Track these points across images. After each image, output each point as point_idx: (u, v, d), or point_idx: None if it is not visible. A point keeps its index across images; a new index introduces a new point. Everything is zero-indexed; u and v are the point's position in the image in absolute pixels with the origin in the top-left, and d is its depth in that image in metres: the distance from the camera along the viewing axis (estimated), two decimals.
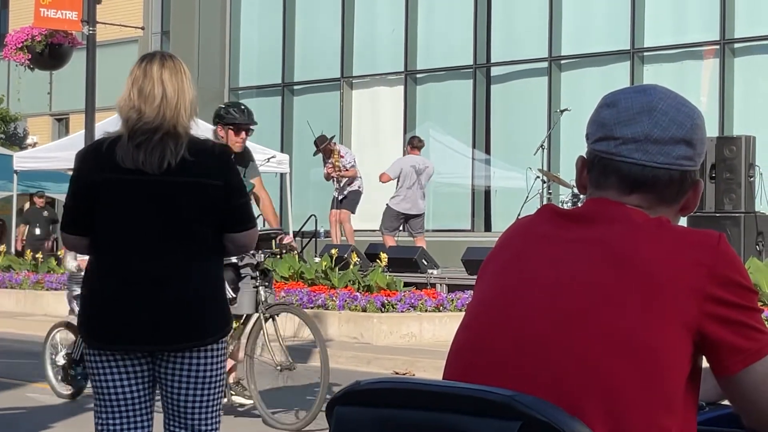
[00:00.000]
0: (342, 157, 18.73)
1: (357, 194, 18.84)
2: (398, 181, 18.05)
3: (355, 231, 19.93)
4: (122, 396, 4.44)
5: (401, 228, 18.40)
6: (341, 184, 18.76)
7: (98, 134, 16.78)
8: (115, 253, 4.40)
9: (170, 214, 4.37)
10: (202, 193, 4.37)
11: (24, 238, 25.50)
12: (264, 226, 9.13)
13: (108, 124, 18.20)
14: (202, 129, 5.22)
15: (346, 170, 18.60)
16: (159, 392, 4.55)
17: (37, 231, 25.86)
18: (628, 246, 2.27)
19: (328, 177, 19.00)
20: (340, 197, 18.84)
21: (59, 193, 27.52)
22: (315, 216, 21.79)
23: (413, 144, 18.56)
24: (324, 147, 18.90)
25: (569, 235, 2.33)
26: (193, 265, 4.38)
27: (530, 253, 2.36)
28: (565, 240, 2.33)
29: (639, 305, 2.22)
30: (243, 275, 8.53)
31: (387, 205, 18.31)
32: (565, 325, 2.24)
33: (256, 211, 5.83)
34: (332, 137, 19.16)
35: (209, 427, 4.52)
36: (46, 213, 26.41)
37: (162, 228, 4.36)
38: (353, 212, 18.91)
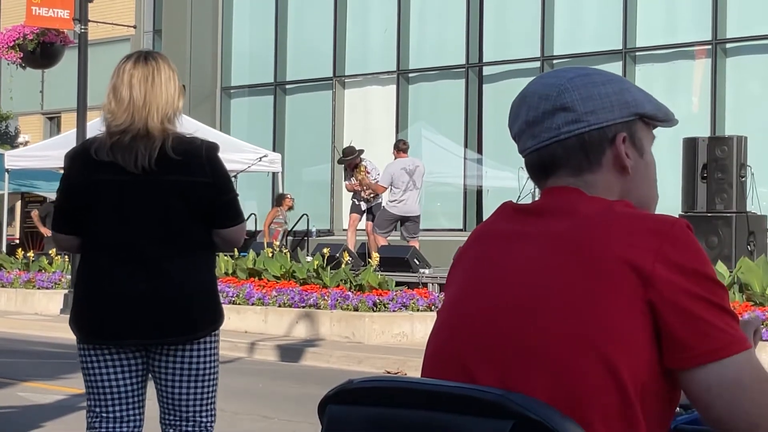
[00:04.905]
0: (368, 173, 18.79)
1: (380, 207, 18.87)
2: (391, 185, 18.11)
3: (345, 230, 19.95)
4: (116, 389, 4.50)
5: (395, 230, 18.44)
6: (367, 195, 18.78)
7: (90, 133, 16.78)
8: (107, 251, 4.46)
9: (158, 213, 4.43)
10: (191, 191, 4.43)
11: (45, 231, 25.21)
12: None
13: (100, 123, 18.20)
14: (193, 127, 5.23)
15: (372, 186, 18.55)
16: (154, 385, 4.59)
17: None
18: (579, 234, 2.22)
19: (351, 190, 19.05)
20: (365, 206, 18.85)
21: (50, 192, 27.48)
22: (307, 215, 21.80)
23: (399, 147, 18.61)
24: (350, 160, 18.90)
25: (525, 230, 2.30)
26: (183, 261, 4.45)
27: (491, 253, 2.33)
28: (521, 235, 2.30)
29: (592, 293, 2.16)
30: None
31: (383, 207, 18.38)
32: (525, 320, 2.21)
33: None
34: (360, 151, 19.13)
35: (204, 419, 4.59)
36: None
37: (151, 226, 4.43)
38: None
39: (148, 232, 4.42)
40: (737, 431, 2.17)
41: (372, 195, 18.81)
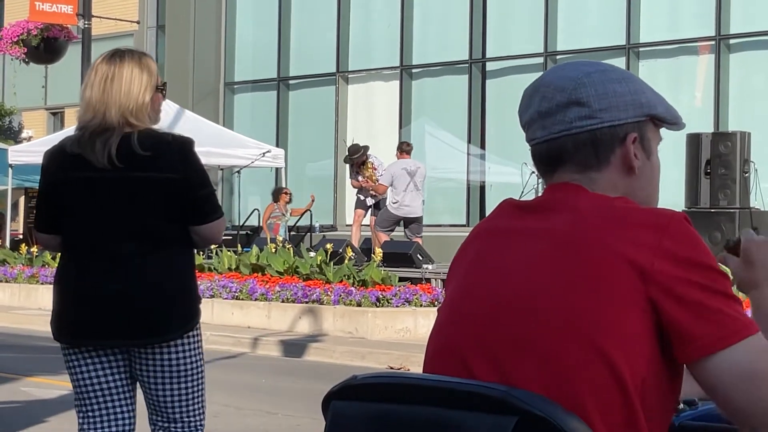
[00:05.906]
0: (375, 169, 18.82)
1: (386, 203, 18.92)
2: (392, 185, 18.14)
3: (349, 226, 19.96)
4: (99, 389, 4.47)
5: (398, 226, 18.47)
6: (372, 192, 18.83)
7: None
8: (80, 250, 4.45)
9: (126, 210, 4.38)
10: (161, 186, 4.37)
11: None
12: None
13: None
14: (195, 122, 5.24)
15: (374, 186, 18.62)
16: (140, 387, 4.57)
17: None
18: (579, 231, 2.21)
19: (358, 187, 19.06)
20: (370, 202, 18.90)
21: None
22: (310, 211, 21.81)
23: (402, 149, 18.67)
24: (357, 158, 18.91)
25: (526, 226, 2.30)
26: (160, 258, 4.39)
27: (492, 250, 2.33)
28: (522, 231, 2.30)
29: (592, 290, 2.16)
30: None
31: (385, 206, 18.43)
32: (526, 317, 2.21)
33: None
34: (366, 148, 19.12)
35: (193, 419, 4.54)
36: None
37: (120, 224, 4.39)
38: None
39: (122, 230, 4.38)
40: (754, 418, 2.15)
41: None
